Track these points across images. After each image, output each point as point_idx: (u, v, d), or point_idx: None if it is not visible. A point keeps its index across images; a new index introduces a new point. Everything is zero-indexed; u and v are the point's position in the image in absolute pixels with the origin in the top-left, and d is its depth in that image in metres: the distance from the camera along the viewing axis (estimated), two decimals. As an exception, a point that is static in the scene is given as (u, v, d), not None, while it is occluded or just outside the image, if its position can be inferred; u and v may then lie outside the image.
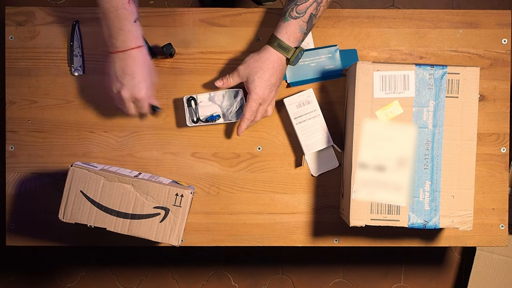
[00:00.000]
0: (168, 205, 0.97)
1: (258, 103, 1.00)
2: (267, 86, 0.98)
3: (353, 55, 1.10)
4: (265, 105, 1.01)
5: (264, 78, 0.98)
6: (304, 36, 0.98)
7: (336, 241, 1.12)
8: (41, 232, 1.11)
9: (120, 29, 0.93)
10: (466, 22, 1.11)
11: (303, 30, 0.97)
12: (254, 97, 0.99)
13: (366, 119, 0.98)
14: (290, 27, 0.96)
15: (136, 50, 0.95)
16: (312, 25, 0.98)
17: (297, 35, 0.97)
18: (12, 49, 1.10)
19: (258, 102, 1.00)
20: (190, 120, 1.07)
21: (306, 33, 0.98)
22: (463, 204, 0.98)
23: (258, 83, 0.98)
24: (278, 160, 1.11)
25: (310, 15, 0.96)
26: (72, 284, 1.79)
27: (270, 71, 0.98)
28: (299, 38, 0.97)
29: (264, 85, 0.98)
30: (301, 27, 0.96)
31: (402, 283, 1.79)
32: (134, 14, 0.94)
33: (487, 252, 1.63)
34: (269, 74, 0.98)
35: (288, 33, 0.96)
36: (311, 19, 0.96)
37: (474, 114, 0.98)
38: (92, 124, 1.11)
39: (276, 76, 0.99)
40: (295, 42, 0.97)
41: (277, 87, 1.01)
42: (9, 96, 1.10)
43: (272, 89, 1.00)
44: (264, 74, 0.98)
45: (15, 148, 1.10)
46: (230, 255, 1.78)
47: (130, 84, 0.96)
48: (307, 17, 0.96)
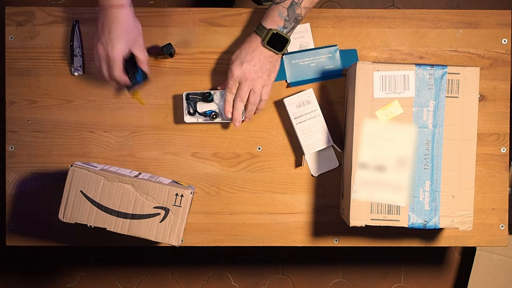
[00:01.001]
0: (168, 205, 0.97)
1: (235, 82, 1.01)
2: (241, 63, 1.00)
3: (353, 55, 1.10)
4: (246, 84, 1.01)
5: (239, 56, 1.01)
6: (285, 22, 0.99)
7: (336, 241, 1.12)
8: (41, 232, 1.11)
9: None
10: (466, 22, 1.11)
11: (282, 15, 0.99)
12: (229, 74, 1.01)
13: (366, 119, 0.98)
14: (270, 11, 1.00)
15: (117, 9, 0.96)
16: (295, 13, 0.99)
17: (275, 19, 0.99)
18: (12, 49, 1.10)
19: (234, 80, 1.01)
20: (187, 112, 1.07)
21: (288, 20, 0.99)
22: (463, 204, 0.98)
23: (233, 61, 1.01)
24: (278, 160, 1.11)
25: (292, 2, 0.98)
26: (72, 284, 1.79)
27: (245, 50, 1.01)
28: (278, 23, 0.99)
29: (239, 62, 1.00)
30: (280, 12, 0.99)
31: (402, 283, 1.79)
32: None
33: (487, 252, 1.63)
34: (244, 52, 1.00)
35: (267, 16, 1.00)
36: (293, 7, 0.98)
37: (474, 114, 0.98)
38: (92, 124, 1.11)
39: (252, 55, 1.00)
40: (271, 24, 0.99)
41: (258, 68, 1.01)
42: (9, 96, 1.10)
43: (251, 69, 1.00)
44: (240, 52, 1.01)
45: (15, 148, 1.10)
46: (230, 255, 1.78)
47: (105, 39, 0.97)
48: (287, 4, 0.98)
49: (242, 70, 1.00)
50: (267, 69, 1.01)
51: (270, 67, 1.02)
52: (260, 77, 1.01)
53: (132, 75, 1.03)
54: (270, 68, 1.02)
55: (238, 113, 1.04)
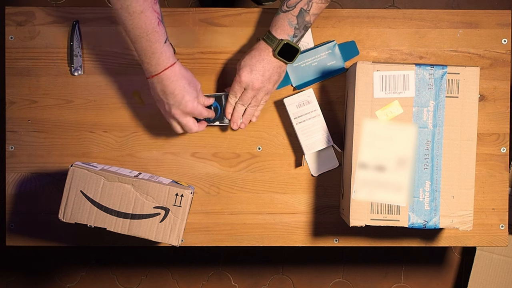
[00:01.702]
0: (168, 205, 0.97)
1: (241, 87, 1.01)
2: (251, 71, 1.00)
3: (353, 47, 1.10)
4: (252, 91, 1.01)
5: (248, 63, 1.00)
6: (295, 30, 0.99)
7: (336, 241, 1.12)
8: (41, 232, 1.11)
9: (153, 53, 0.92)
10: (466, 22, 1.11)
11: (292, 24, 0.98)
12: (236, 78, 1.01)
13: (366, 119, 0.98)
14: (279, 20, 0.99)
15: (168, 69, 0.95)
16: (304, 20, 0.98)
17: (285, 28, 0.98)
18: (12, 49, 1.10)
19: (240, 85, 1.01)
20: None
21: (298, 28, 0.99)
22: (463, 204, 0.98)
23: (243, 67, 1.01)
24: (278, 160, 1.11)
25: (301, 10, 0.97)
26: (72, 284, 1.79)
27: (255, 58, 1.00)
28: (288, 32, 0.99)
29: (248, 70, 1.00)
30: (290, 21, 0.98)
31: (402, 283, 1.79)
32: (164, 34, 0.93)
33: (487, 252, 1.63)
34: (254, 60, 1.00)
35: (276, 25, 0.99)
36: (302, 14, 0.98)
37: (474, 114, 0.98)
38: (92, 124, 1.11)
39: (262, 64, 1.00)
40: (281, 34, 0.99)
41: (266, 78, 1.01)
42: (9, 96, 1.10)
43: (259, 78, 1.00)
44: (250, 60, 1.00)
45: (15, 148, 1.10)
46: (230, 255, 1.78)
47: (176, 102, 0.97)
48: (296, 11, 0.97)
49: (251, 78, 1.00)
50: (274, 79, 1.02)
51: (277, 78, 1.03)
52: (266, 86, 1.02)
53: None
54: (277, 78, 1.03)
55: (238, 116, 1.05)
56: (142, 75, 1.09)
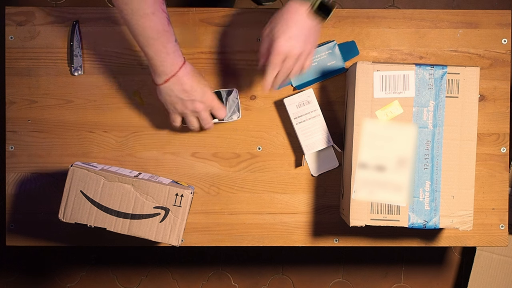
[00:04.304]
0: (168, 205, 0.97)
1: (281, 58, 0.93)
2: (287, 38, 0.92)
3: (353, 47, 1.10)
4: (292, 60, 0.94)
5: (282, 30, 0.92)
6: None
7: (336, 241, 1.12)
8: (41, 232, 1.11)
9: (167, 54, 0.92)
10: (466, 22, 1.11)
11: None
12: (274, 51, 0.93)
13: (366, 119, 0.98)
14: None
15: (183, 67, 0.95)
16: None
17: None
18: (12, 49, 1.10)
19: (280, 56, 0.93)
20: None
21: None
22: (463, 204, 0.98)
23: (277, 36, 0.92)
24: (278, 160, 1.11)
25: None
26: (72, 284, 1.79)
27: (289, 22, 0.92)
28: None
29: (284, 38, 0.92)
30: None
31: (402, 283, 1.79)
32: (174, 33, 0.93)
33: (487, 252, 1.63)
34: (288, 25, 0.92)
35: None
36: None
37: (474, 114, 0.98)
38: (92, 124, 1.11)
39: (297, 27, 0.92)
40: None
41: (305, 41, 0.93)
42: (9, 96, 1.10)
43: (297, 45, 0.93)
44: (282, 26, 0.92)
45: (15, 148, 1.10)
46: (230, 255, 1.78)
47: (198, 96, 0.97)
48: None
49: (289, 46, 0.92)
50: (313, 40, 0.95)
51: (314, 38, 0.95)
52: (305, 50, 0.94)
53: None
54: (315, 38, 0.95)
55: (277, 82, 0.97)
56: (142, 75, 1.09)
